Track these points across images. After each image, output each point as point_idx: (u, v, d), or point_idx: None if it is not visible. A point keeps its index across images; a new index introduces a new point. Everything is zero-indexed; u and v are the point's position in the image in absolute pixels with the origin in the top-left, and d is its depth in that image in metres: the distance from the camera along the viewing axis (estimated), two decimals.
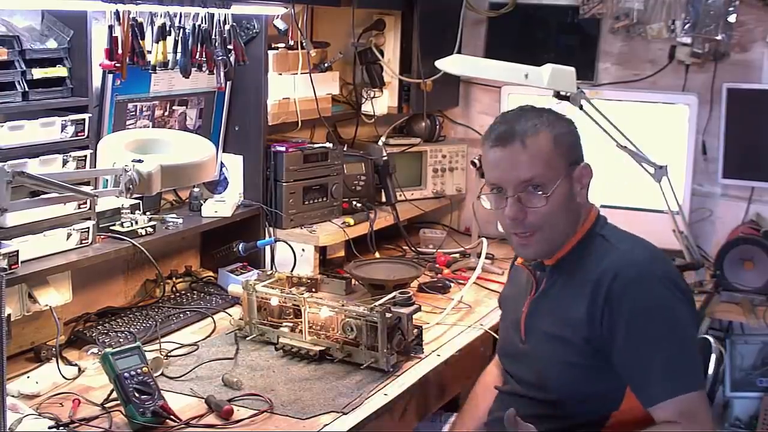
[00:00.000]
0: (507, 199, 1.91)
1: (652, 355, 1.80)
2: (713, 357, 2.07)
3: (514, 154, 1.89)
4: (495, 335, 2.64)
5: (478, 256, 3.05)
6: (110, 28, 2.31)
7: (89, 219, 2.41)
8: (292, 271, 2.80)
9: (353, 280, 2.68)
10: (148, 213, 2.67)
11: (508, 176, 1.90)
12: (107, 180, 2.13)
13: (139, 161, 2.03)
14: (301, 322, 2.38)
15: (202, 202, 2.86)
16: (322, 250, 3.01)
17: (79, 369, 2.21)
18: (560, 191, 1.89)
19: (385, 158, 3.35)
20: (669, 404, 1.79)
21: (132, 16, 2.34)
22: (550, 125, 1.91)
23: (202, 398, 2.08)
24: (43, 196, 1.91)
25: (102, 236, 2.48)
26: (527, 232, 1.92)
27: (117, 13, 2.31)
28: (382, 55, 3.38)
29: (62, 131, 2.30)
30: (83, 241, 2.39)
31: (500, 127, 1.94)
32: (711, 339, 3.20)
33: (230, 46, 2.59)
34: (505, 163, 1.90)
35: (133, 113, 2.64)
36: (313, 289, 2.55)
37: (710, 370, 2.05)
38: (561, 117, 1.97)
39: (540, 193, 1.89)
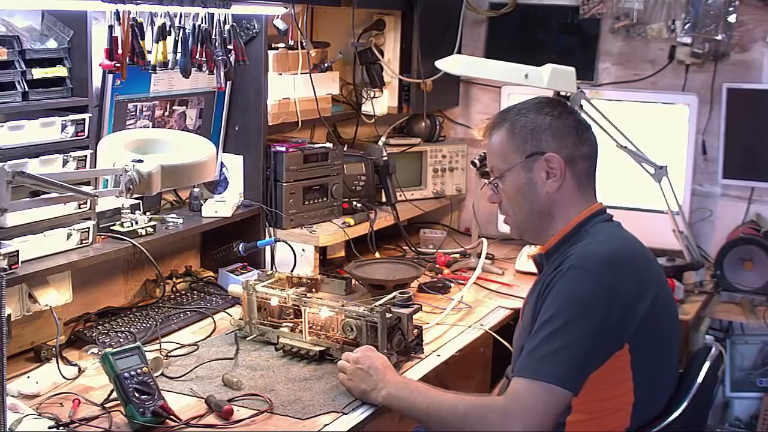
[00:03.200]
0: None
1: (540, 333, 1.83)
2: (707, 363, 2.01)
3: (488, 145, 2.07)
4: (495, 335, 2.65)
5: (478, 256, 3.06)
6: (110, 28, 2.31)
7: (89, 219, 2.41)
8: (292, 271, 2.80)
9: (353, 281, 2.68)
10: (148, 213, 2.67)
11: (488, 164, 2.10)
12: (107, 180, 2.13)
13: (139, 161, 2.03)
14: (301, 322, 2.38)
15: (202, 202, 2.86)
16: (322, 250, 3.01)
17: (79, 369, 2.21)
18: (513, 180, 2.00)
19: (385, 158, 3.35)
20: (515, 381, 1.82)
21: (132, 16, 2.34)
22: (516, 116, 2.01)
23: (202, 398, 2.08)
24: (43, 196, 1.90)
25: (102, 236, 2.48)
26: (505, 215, 2.09)
27: (117, 13, 2.31)
28: (382, 55, 3.38)
29: (62, 131, 2.30)
30: (83, 241, 2.39)
31: (487, 121, 2.10)
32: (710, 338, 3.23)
33: (230, 46, 2.59)
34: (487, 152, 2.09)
35: (133, 113, 2.64)
36: (313, 289, 2.55)
37: (701, 376, 1.99)
38: (538, 109, 2.01)
39: (496, 181, 2.04)
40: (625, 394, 1.87)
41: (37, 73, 2.27)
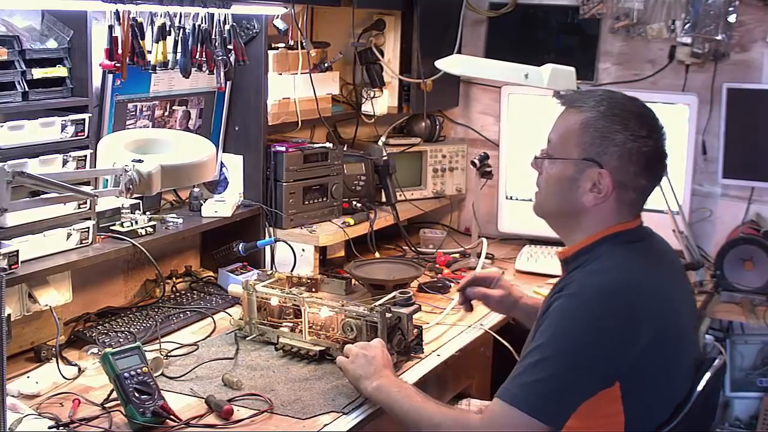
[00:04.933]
0: None
1: (529, 358, 1.79)
2: (707, 374, 1.97)
3: (557, 117, 1.96)
4: (495, 335, 2.65)
5: (478, 256, 3.06)
6: (110, 28, 2.31)
7: (89, 219, 2.41)
8: (292, 271, 2.80)
9: (353, 280, 2.68)
10: (148, 213, 2.67)
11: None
12: (107, 180, 2.13)
13: (139, 161, 2.03)
14: (301, 322, 2.38)
15: (202, 202, 2.86)
16: (322, 250, 3.01)
17: (79, 369, 2.21)
18: (560, 169, 1.92)
19: (385, 158, 3.35)
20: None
21: (132, 16, 2.34)
22: (601, 113, 1.88)
23: (202, 398, 2.08)
24: (43, 196, 1.90)
25: (102, 236, 2.48)
26: (537, 188, 2.02)
27: (117, 13, 2.31)
28: (382, 55, 3.38)
29: (62, 131, 2.30)
30: (83, 241, 2.39)
31: (573, 93, 2.02)
32: (710, 338, 3.23)
33: (230, 46, 2.59)
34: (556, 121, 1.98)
35: (133, 113, 2.64)
36: (313, 289, 2.54)
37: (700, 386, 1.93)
38: (625, 120, 1.87)
39: (546, 157, 1.96)
40: (615, 422, 1.81)
41: (37, 73, 2.27)
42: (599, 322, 1.76)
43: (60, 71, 2.32)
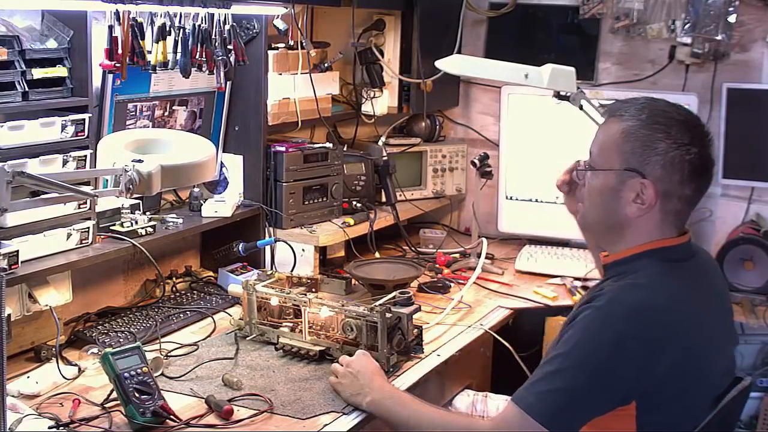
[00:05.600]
0: None
1: (549, 366, 1.78)
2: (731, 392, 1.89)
3: (599, 128, 1.94)
4: (495, 335, 2.65)
5: (478, 256, 3.06)
6: (110, 28, 2.31)
7: (89, 219, 2.41)
8: (292, 271, 2.80)
9: (353, 280, 2.68)
10: (148, 213, 2.67)
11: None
12: (107, 180, 2.13)
13: (139, 161, 2.02)
14: (301, 322, 2.38)
15: (202, 202, 2.86)
16: (322, 250, 3.01)
17: (79, 369, 2.21)
18: (601, 180, 1.89)
19: (385, 158, 3.35)
20: (510, 405, 1.79)
21: (132, 16, 2.34)
22: (642, 121, 1.85)
23: (202, 398, 2.08)
24: (43, 196, 1.90)
25: (102, 236, 2.48)
26: (579, 202, 1.98)
27: (117, 13, 2.31)
28: (382, 55, 3.38)
29: (62, 131, 2.30)
30: (83, 241, 2.39)
31: (615, 102, 1.97)
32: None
33: (230, 46, 2.59)
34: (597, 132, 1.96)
35: (133, 113, 2.64)
36: (313, 289, 2.54)
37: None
38: (668, 127, 1.83)
39: (588, 169, 1.92)
40: None
41: (37, 73, 2.27)
42: (623, 340, 1.73)
43: (60, 71, 2.32)
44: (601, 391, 1.75)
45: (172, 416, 1.95)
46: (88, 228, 2.40)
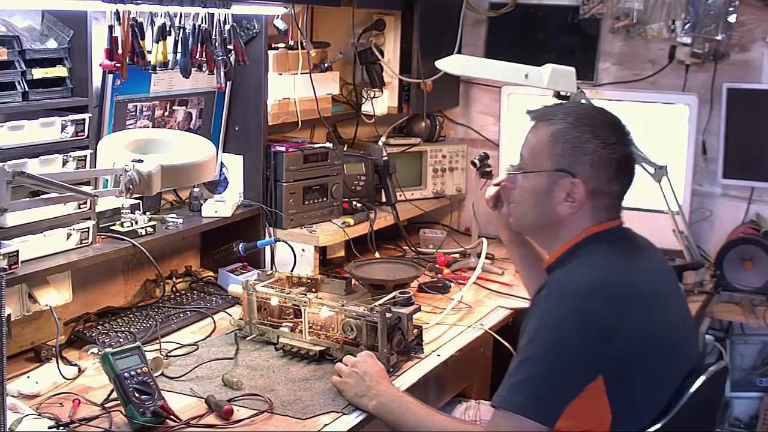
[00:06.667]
0: None
1: (516, 361, 1.82)
2: (701, 377, 1.91)
3: (528, 133, 2.01)
4: (495, 335, 2.65)
5: (478, 256, 3.05)
6: (110, 28, 2.31)
7: (89, 219, 2.41)
8: (292, 271, 2.80)
9: (353, 280, 2.68)
10: (148, 213, 2.67)
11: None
12: (107, 180, 2.13)
13: (139, 161, 2.03)
14: (301, 322, 2.38)
15: (202, 202, 2.86)
16: (322, 250, 3.01)
17: (79, 369, 2.21)
18: (533, 182, 1.96)
19: (385, 158, 3.35)
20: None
21: (132, 16, 2.34)
22: (569, 124, 1.92)
23: (202, 398, 2.08)
24: (43, 196, 1.90)
25: (102, 236, 2.48)
26: (511, 203, 2.07)
27: (117, 13, 2.31)
28: (382, 55, 3.38)
29: (62, 131, 2.30)
30: (83, 241, 2.39)
31: (542, 108, 2.04)
32: (710, 338, 3.22)
33: (230, 46, 2.59)
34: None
35: (133, 113, 2.64)
36: (313, 289, 2.54)
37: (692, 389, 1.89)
38: (594, 128, 1.91)
39: (519, 172, 2.00)
40: (602, 420, 1.81)
41: (37, 73, 2.27)
42: (579, 318, 1.78)
43: (60, 71, 2.32)
44: (570, 368, 1.78)
45: (172, 416, 1.95)
46: (88, 228, 2.40)
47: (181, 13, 2.45)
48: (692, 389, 1.86)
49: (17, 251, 2.15)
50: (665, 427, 1.82)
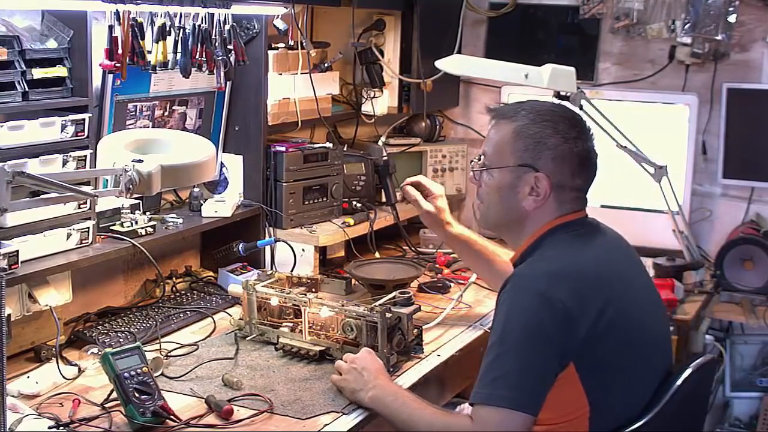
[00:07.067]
0: None
1: (489, 356, 1.83)
2: (688, 370, 1.91)
3: (490, 130, 2.05)
4: None
5: None
6: (110, 28, 2.31)
7: (89, 219, 2.41)
8: (292, 271, 2.80)
9: (353, 280, 2.68)
10: (148, 213, 2.67)
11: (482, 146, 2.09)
12: (107, 180, 2.13)
13: (139, 161, 2.03)
14: (301, 322, 2.38)
15: (202, 202, 2.85)
16: (322, 250, 3.01)
17: (79, 369, 2.21)
18: (497, 178, 1.99)
19: (385, 158, 3.34)
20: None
21: (132, 16, 2.34)
22: (529, 120, 1.96)
23: (202, 398, 2.08)
24: (43, 196, 1.90)
25: (102, 236, 2.48)
26: (478, 202, 2.10)
27: (117, 13, 2.31)
28: (382, 55, 3.38)
29: (62, 131, 2.30)
30: (83, 241, 2.39)
31: (503, 106, 2.08)
32: (710, 338, 3.22)
33: (230, 46, 2.59)
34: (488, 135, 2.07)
35: (133, 113, 2.64)
36: (313, 289, 2.54)
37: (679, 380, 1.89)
38: (554, 123, 1.95)
39: (483, 169, 2.03)
40: (580, 407, 1.82)
41: (37, 73, 2.27)
42: (543, 304, 1.80)
43: (60, 71, 2.32)
44: (545, 354, 1.79)
45: (172, 416, 1.95)
46: (88, 228, 2.40)
47: (181, 13, 2.45)
48: (678, 382, 1.87)
49: (17, 251, 2.15)
50: (651, 421, 1.83)
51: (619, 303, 1.85)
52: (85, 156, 2.35)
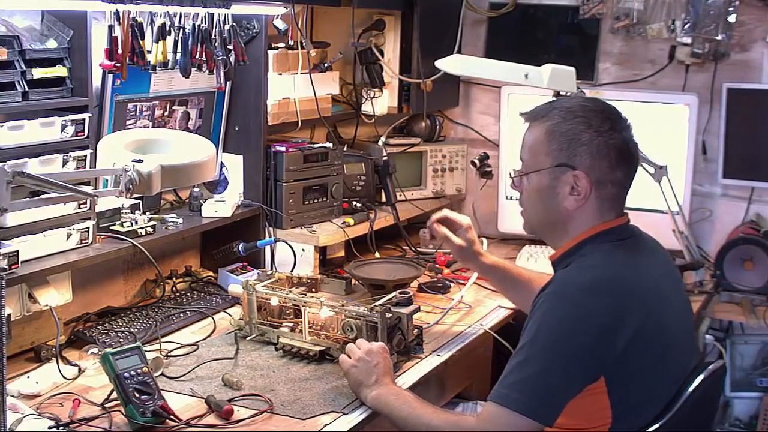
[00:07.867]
0: None
1: (516, 357, 1.83)
2: (700, 376, 1.91)
3: (524, 135, 2.02)
4: (495, 335, 2.65)
5: None
6: (110, 28, 2.31)
7: (89, 219, 2.41)
8: (292, 271, 2.80)
9: (353, 280, 2.68)
10: (148, 213, 2.67)
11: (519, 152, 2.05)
12: (107, 180, 2.13)
13: (139, 161, 2.03)
14: (301, 322, 2.38)
15: (202, 202, 2.86)
16: (322, 250, 3.01)
17: (79, 369, 2.21)
18: (536, 181, 1.97)
19: (385, 158, 3.35)
20: (488, 404, 1.83)
21: (132, 16, 2.34)
22: (561, 118, 1.93)
23: (202, 398, 2.08)
24: (43, 196, 1.91)
25: (102, 236, 2.48)
26: (522, 208, 2.07)
27: (117, 13, 2.31)
28: (382, 55, 3.38)
29: (62, 131, 2.30)
30: (83, 241, 2.39)
31: (534, 108, 2.03)
32: (710, 338, 3.22)
33: (230, 46, 2.59)
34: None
35: (133, 113, 2.64)
36: (313, 289, 2.55)
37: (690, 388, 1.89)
38: (586, 118, 1.92)
39: (521, 174, 2.01)
40: (602, 418, 1.82)
41: (37, 73, 2.27)
42: (581, 316, 1.78)
43: (60, 71, 2.32)
44: (570, 368, 1.78)
45: (172, 416, 1.95)
46: (88, 228, 2.40)
47: (180, 13, 2.45)
48: (690, 388, 1.87)
49: (17, 251, 2.15)
50: (664, 426, 1.83)
51: (657, 319, 1.83)
52: (85, 156, 2.35)
